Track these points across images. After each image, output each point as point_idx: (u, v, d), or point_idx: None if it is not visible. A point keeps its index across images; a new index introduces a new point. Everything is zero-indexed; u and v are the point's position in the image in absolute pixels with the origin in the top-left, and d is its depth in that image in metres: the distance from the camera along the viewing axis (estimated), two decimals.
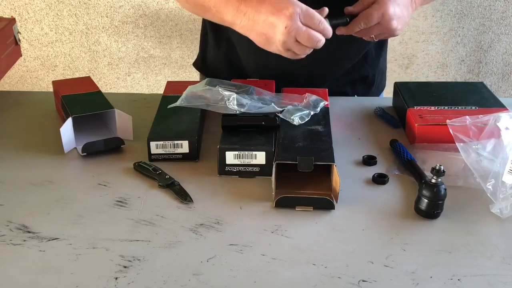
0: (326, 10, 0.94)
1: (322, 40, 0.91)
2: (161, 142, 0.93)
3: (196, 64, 1.35)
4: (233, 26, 0.96)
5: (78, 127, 0.98)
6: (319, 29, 0.90)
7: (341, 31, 1.00)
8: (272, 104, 0.98)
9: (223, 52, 1.23)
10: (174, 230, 0.77)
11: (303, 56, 0.94)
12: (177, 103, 0.99)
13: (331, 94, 1.12)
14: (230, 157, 0.89)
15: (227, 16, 0.95)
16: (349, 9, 1.00)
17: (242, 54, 1.20)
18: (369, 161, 0.94)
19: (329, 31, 0.92)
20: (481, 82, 1.16)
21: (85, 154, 0.96)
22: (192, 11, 1.06)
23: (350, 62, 1.20)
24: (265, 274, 0.69)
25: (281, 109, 0.98)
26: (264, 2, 0.90)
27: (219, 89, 0.99)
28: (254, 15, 0.91)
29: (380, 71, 1.29)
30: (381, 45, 1.26)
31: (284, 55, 0.94)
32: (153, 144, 0.93)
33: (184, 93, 1.01)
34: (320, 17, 0.90)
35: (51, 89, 1.14)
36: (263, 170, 0.89)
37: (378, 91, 1.30)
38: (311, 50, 0.93)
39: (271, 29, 0.90)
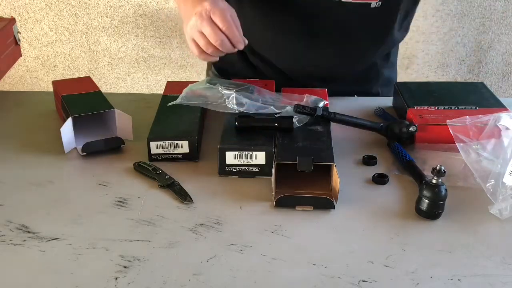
0: None
1: (224, 40, 0.91)
2: (161, 142, 0.93)
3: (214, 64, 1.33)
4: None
5: (78, 127, 0.98)
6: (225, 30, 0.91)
7: None
8: (271, 106, 0.98)
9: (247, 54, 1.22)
10: (174, 230, 0.77)
11: (211, 54, 0.94)
12: (177, 101, 1.00)
13: (333, 94, 1.12)
14: (230, 157, 0.89)
15: (186, 12, 0.96)
16: None
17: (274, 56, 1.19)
18: (369, 161, 0.94)
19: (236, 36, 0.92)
20: (481, 82, 1.16)
21: (85, 154, 0.96)
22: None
23: (368, 57, 1.22)
24: (265, 274, 0.69)
25: (279, 111, 0.97)
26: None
27: (219, 87, 0.99)
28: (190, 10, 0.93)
29: (385, 83, 1.30)
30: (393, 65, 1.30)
31: (190, 46, 0.95)
32: (153, 144, 0.93)
33: (184, 91, 1.01)
34: (230, 22, 0.91)
35: (51, 89, 1.14)
36: (263, 170, 0.89)
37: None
38: (218, 52, 0.93)
39: (189, 18, 0.92)
